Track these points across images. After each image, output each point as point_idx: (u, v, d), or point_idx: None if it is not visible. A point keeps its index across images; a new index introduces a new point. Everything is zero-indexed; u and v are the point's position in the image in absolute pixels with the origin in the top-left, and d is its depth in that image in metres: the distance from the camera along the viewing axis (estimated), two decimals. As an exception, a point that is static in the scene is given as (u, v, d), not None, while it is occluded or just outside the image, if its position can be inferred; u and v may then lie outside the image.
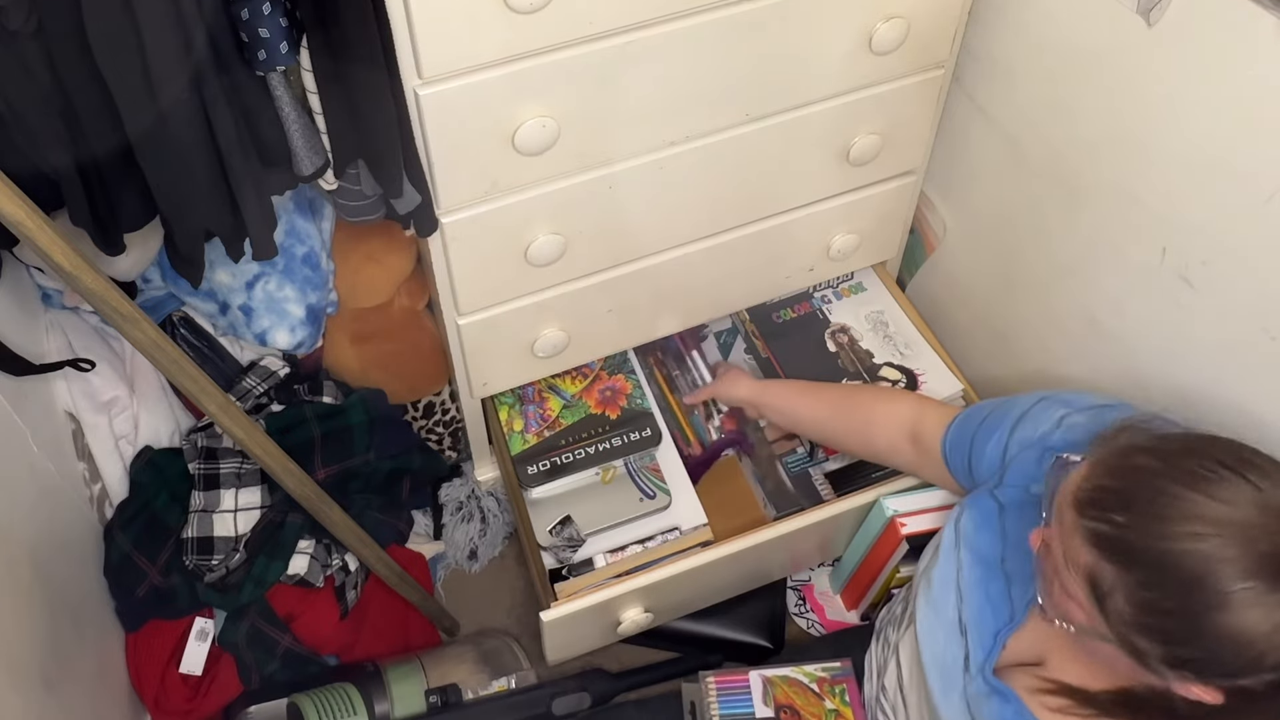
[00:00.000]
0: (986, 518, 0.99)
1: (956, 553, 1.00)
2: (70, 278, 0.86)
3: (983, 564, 0.98)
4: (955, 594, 0.98)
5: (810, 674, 1.19)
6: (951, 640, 0.97)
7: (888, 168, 1.32)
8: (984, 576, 0.97)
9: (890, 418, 1.17)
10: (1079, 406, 0.98)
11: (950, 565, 1.00)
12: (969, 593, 0.97)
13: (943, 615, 0.99)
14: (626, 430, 1.37)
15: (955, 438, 1.08)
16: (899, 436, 1.16)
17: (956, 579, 0.99)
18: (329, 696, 1.27)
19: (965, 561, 0.99)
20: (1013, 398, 1.05)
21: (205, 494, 1.28)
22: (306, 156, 0.95)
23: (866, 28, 1.11)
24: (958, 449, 1.07)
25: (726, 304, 1.43)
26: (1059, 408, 0.99)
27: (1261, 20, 0.85)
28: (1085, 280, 1.17)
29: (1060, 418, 0.97)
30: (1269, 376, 0.95)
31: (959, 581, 0.99)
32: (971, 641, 0.95)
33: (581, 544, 1.30)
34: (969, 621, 0.96)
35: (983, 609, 0.96)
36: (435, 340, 1.45)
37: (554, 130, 1.02)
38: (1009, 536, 0.97)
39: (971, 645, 0.95)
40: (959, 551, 1.00)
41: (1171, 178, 1.00)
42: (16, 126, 0.85)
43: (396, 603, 1.44)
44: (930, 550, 1.07)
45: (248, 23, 0.84)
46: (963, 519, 1.01)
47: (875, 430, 1.18)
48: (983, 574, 0.97)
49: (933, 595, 1.01)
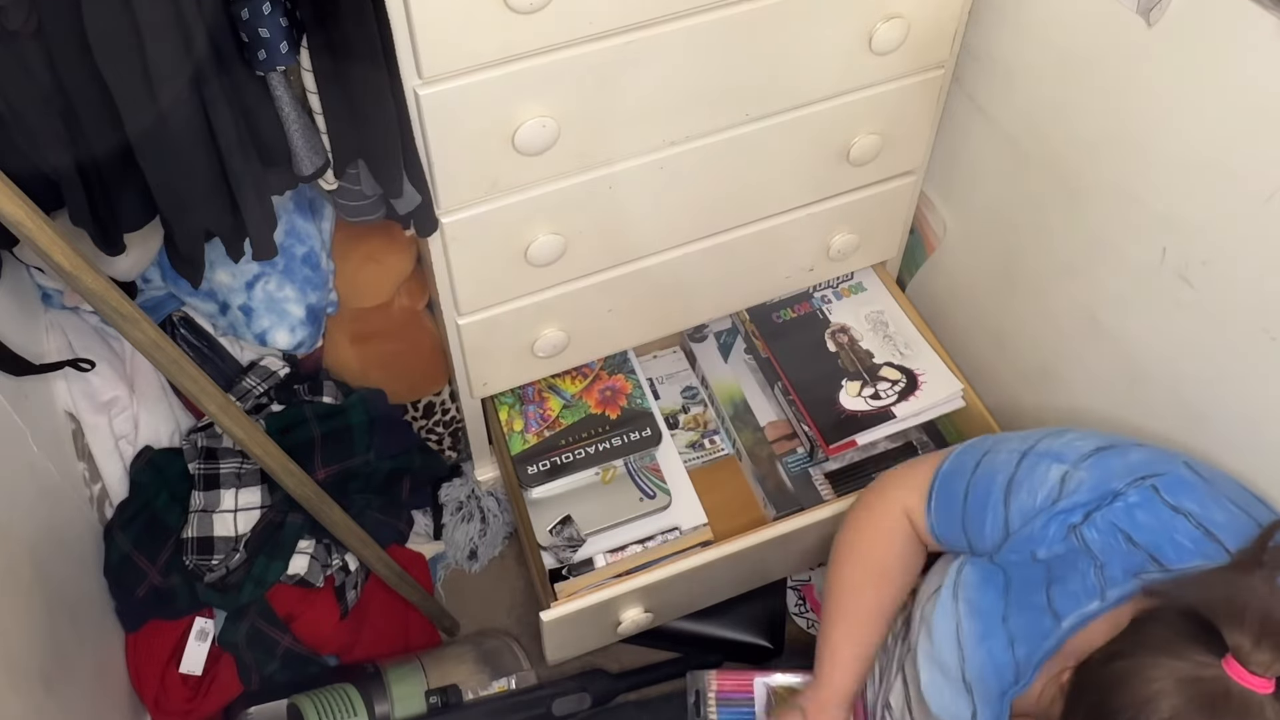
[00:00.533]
0: (989, 575, 0.94)
1: (955, 605, 0.95)
2: (70, 278, 0.86)
3: (983, 620, 0.93)
4: (956, 649, 0.94)
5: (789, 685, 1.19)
6: (958, 696, 0.94)
7: (888, 168, 1.32)
8: (985, 633, 0.92)
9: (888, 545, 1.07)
10: (1073, 460, 0.92)
11: (949, 617, 0.95)
12: (970, 651, 0.93)
13: (947, 671, 0.95)
14: (626, 430, 1.37)
15: (942, 525, 1.02)
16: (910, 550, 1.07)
17: (956, 634, 0.95)
18: (329, 697, 1.27)
19: (964, 614, 0.94)
20: (987, 460, 0.98)
21: (205, 494, 1.28)
22: (306, 156, 0.95)
23: (866, 28, 1.11)
24: (950, 535, 1.01)
25: (726, 304, 1.43)
26: (1051, 465, 0.92)
27: (1261, 20, 0.85)
28: (1085, 280, 1.17)
29: (1061, 478, 0.91)
30: (1269, 376, 0.95)
31: (959, 636, 0.94)
32: (978, 699, 0.92)
33: (581, 544, 1.30)
34: (972, 680, 0.92)
35: (985, 667, 0.91)
36: (435, 340, 1.45)
37: (554, 130, 1.02)
38: (1012, 594, 0.92)
39: (979, 703, 0.92)
40: (958, 604, 0.95)
41: (1171, 178, 1.00)
42: (16, 126, 0.85)
43: (396, 603, 1.44)
44: (931, 586, 1.02)
45: (248, 23, 0.84)
46: (965, 569, 0.96)
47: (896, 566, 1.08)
48: (984, 630, 0.93)
49: (935, 647, 0.96)
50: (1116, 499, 0.87)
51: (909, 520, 1.06)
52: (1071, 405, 1.25)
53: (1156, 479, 0.87)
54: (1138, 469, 0.88)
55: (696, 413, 1.52)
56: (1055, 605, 0.88)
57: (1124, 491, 0.87)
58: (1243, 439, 1.00)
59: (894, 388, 1.38)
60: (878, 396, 1.37)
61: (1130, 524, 0.86)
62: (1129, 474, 0.88)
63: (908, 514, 1.06)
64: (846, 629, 1.08)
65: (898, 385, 1.38)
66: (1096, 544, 0.87)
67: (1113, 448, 0.92)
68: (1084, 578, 0.87)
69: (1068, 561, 0.88)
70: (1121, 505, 0.87)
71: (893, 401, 1.36)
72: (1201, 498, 0.86)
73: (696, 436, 1.50)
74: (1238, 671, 0.68)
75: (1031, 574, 0.91)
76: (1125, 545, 0.85)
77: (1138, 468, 0.89)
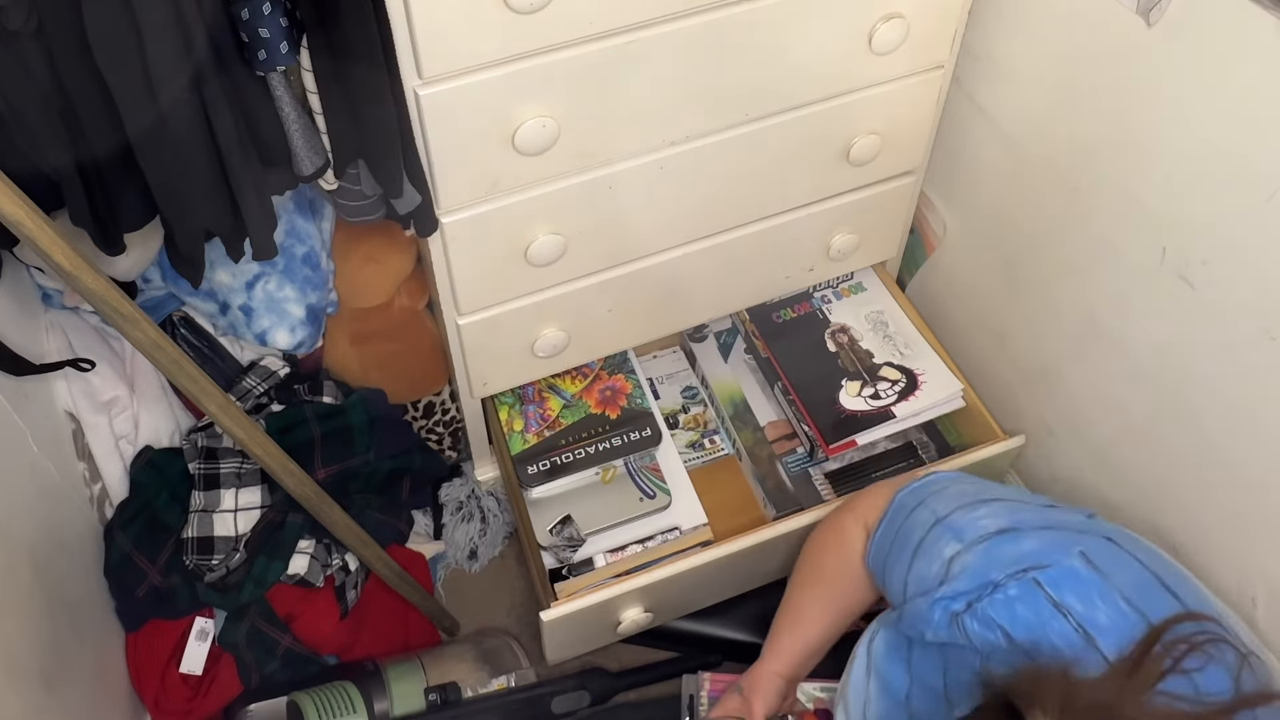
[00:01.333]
0: (895, 647, 0.94)
1: (866, 681, 0.96)
2: (70, 278, 0.86)
3: (890, 698, 0.93)
4: None
5: (809, 694, 1.19)
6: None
7: (888, 168, 1.32)
8: (889, 711, 0.92)
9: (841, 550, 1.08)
10: (968, 541, 0.89)
11: (859, 696, 0.96)
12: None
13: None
14: (626, 430, 1.37)
15: (875, 554, 1.02)
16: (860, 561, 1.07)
17: (864, 712, 0.95)
18: (329, 695, 1.27)
19: (873, 693, 0.95)
20: (915, 514, 0.98)
21: (205, 494, 1.28)
22: (306, 156, 0.95)
23: (866, 28, 1.11)
24: (877, 564, 1.02)
25: (726, 304, 1.43)
26: (950, 542, 0.90)
27: (1261, 20, 0.85)
28: (1085, 280, 1.17)
29: (950, 558, 0.89)
30: (1269, 376, 0.95)
31: (865, 714, 0.95)
32: None
33: (581, 544, 1.30)
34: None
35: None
36: (435, 340, 1.45)
37: (554, 130, 1.02)
38: (914, 670, 0.92)
39: None
40: (869, 680, 0.96)
41: (1171, 178, 1.00)
42: (16, 126, 0.85)
43: (396, 603, 1.44)
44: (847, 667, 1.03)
45: (248, 23, 0.84)
46: (875, 641, 0.97)
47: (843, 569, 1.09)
48: (888, 709, 0.92)
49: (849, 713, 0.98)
50: (996, 590, 0.84)
51: (866, 536, 1.06)
52: (1071, 405, 1.25)
53: (1040, 571, 0.83)
54: (1025, 559, 0.85)
55: (696, 413, 1.52)
56: (950, 694, 0.88)
57: (1004, 583, 0.84)
58: (1242, 438, 1.00)
59: (894, 388, 1.38)
60: (878, 396, 1.37)
61: (1010, 619, 0.83)
62: (1014, 564, 0.85)
63: (866, 529, 1.07)
64: (788, 620, 1.14)
65: (898, 385, 1.38)
66: (978, 638, 0.84)
67: (1012, 531, 0.88)
68: (972, 669, 0.85)
69: (957, 650, 0.87)
70: (1001, 598, 0.83)
71: (893, 401, 1.36)
72: (1086, 593, 0.82)
73: (696, 436, 1.50)
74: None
75: (929, 653, 0.90)
76: (1005, 642, 0.83)
77: (1025, 557, 0.85)
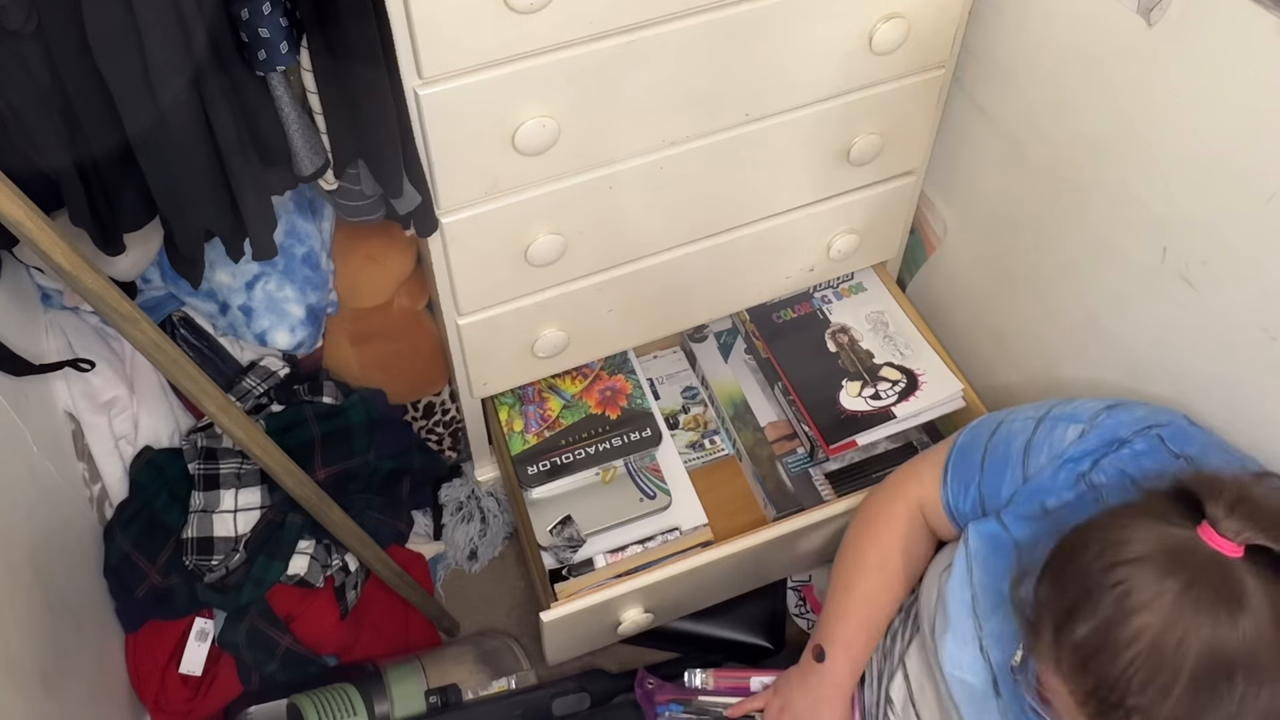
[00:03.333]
0: (999, 543, 0.96)
1: (970, 579, 0.97)
2: (70, 278, 0.86)
3: (997, 588, 0.95)
4: (974, 621, 0.96)
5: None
6: (977, 667, 0.95)
7: (888, 168, 1.32)
8: (1000, 601, 0.94)
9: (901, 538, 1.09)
10: (1087, 418, 0.95)
11: (965, 592, 0.97)
12: (986, 620, 0.95)
13: (965, 644, 0.96)
14: (627, 430, 1.37)
15: (957, 495, 1.04)
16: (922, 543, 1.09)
17: (973, 605, 0.96)
18: (329, 697, 1.27)
19: (980, 586, 0.96)
20: (1003, 428, 1.01)
21: (205, 494, 1.28)
22: (306, 156, 0.95)
23: (866, 28, 1.11)
24: (964, 501, 1.03)
25: (726, 304, 1.43)
26: (1069, 425, 0.96)
27: (1261, 20, 0.85)
28: (1085, 280, 1.17)
29: (1079, 435, 0.95)
30: (1269, 376, 0.95)
31: (975, 609, 0.96)
32: (998, 667, 0.94)
33: (581, 544, 1.30)
34: (990, 649, 0.94)
35: (1003, 635, 0.93)
36: (435, 340, 1.45)
37: (554, 130, 1.02)
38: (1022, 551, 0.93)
39: (998, 670, 0.93)
40: (972, 576, 0.97)
41: (1172, 177, 1.00)
42: (16, 126, 0.85)
43: (396, 603, 1.44)
44: (941, 565, 1.04)
45: (248, 23, 0.84)
46: (972, 541, 0.98)
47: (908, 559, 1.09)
48: (999, 599, 0.94)
49: (950, 621, 0.98)
50: (1124, 446, 0.91)
51: (921, 512, 1.09)
52: (1072, 405, 1.25)
53: (1161, 429, 0.92)
54: (1144, 420, 0.93)
55: (696, 413, 1.52)
56: None
57: (1130, 439, 0.92)
58: (1242, 438, 1.00)
59: (894, 388, 1.38)
60: (878, 396, 1.37)
61: (1137, 469, 0.90)
62: (1136, 424, 0.93)
63: (920, 505, 1.09)
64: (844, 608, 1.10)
65: (898, 385, 1.38)
66: (1103, 487, 0.90)
67: (1121, 405, 0.96)
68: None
69: (1076, 509, 0.90)
70: (1128, 452, 0.91)
71: (893, 401, 1.36)
72: (1202, 445, 0.91)
73: (696, 436, 1.50)
74: (1209, 534, 0.72)
75: (1038, 530, 0.93)
76: (1132, 489, 0.87)
77: (1144, 419, 0.93)
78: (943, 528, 1.07)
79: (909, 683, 1.05)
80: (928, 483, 1.08)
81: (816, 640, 1.12)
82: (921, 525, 1.09)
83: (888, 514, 1.11)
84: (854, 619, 1.10)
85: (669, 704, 1.21)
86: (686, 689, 1.22)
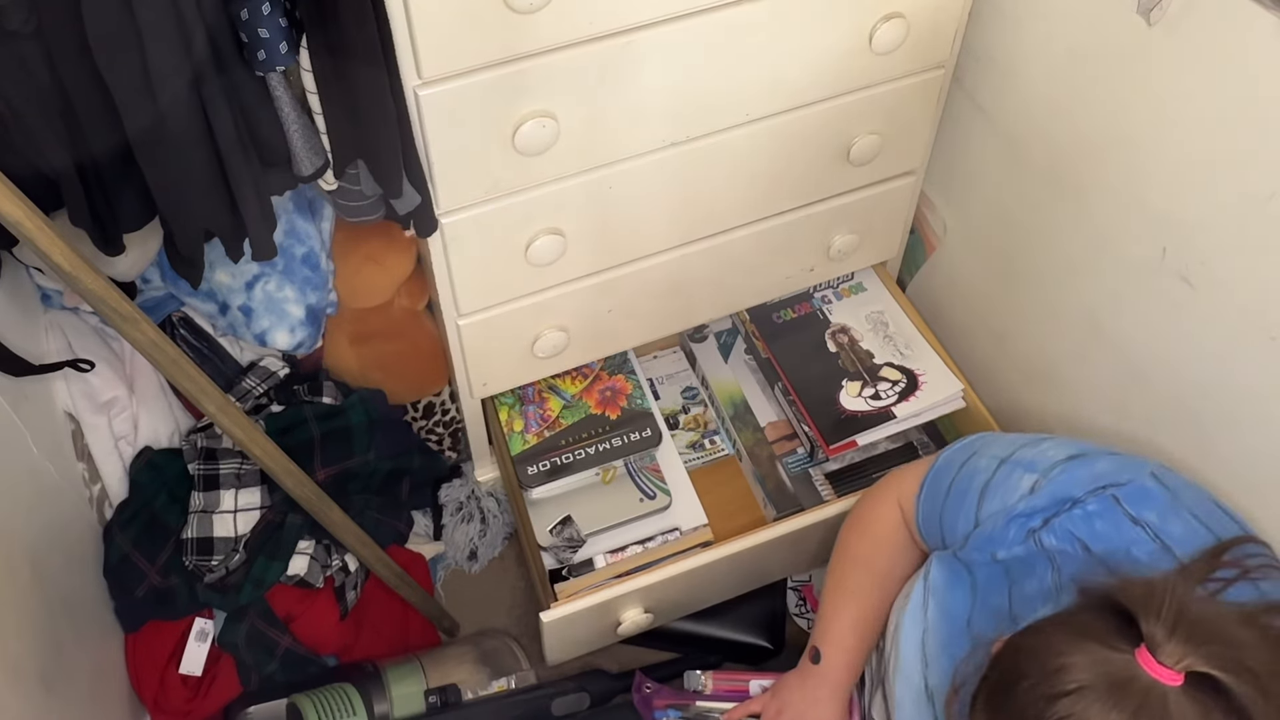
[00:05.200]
0: (955, 573, 0.95)
1: (924, 612, 0.96)
2: (70, 278, 0.86)
3: (950, 623, 0.93)
4: (920, 658, 0.95)
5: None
6: (920, 707, 0.94)
7: (888, 168, 1.32)
8: (949, 638, 0.92)
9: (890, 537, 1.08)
10: (1043, 468, 0.91)
11: (917, 624, 0.96)
12: (934, 659, 0.93)
13: (910, 681, 0.95)
14: (626, 430, 1.37)
15: (925, 514, 1.03)
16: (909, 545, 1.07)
17: (922, 642, 0.95)
18: (328, 697, 1.27)
19: (933, 620, 0.94)
20: (971, 462, 0.99)
21: (205, 494, 1.28)
22: (306, 156, 0.95)
23: (866, 27, 1.11)
24: (930, 524, 1.02)
25: (726, 304, 1.43)
26: (1024, 474, 0.92)
27: (1261, 20, 0.85)
28: (1085, 280, 1.17)
29: (1031, 486, 0.91)
30: (1269, 377, 0.95)
31: (923, 644, 0.95)
32: (939, 709, 0.91)
33: (581, 544, 1.30)
34: (935, 690, 0.92)
35: (947, 675, 0.91)
36: (435, 340, 1.45)
37: (554, 130, 1.02)
38: (978, 594, 0.92)
39: (939, 714, 0.91)
40: (926, 610, 0.95)
41: (1172, 178, 1.00)
42: (16, 126, 0.85)
43: (396, 603, 1.44)
44: (905, 589, 1.02)
45: (247, 23, 0.84)
46: (933, 571, 0.97)
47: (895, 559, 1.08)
48: (949, 635, 0.93)
49: (901, 659, 0.97)
50: (1075, 506, 0.87)
51: (902, 516, 1.07)
52: (1072, 405, 1.25)
53: (1118, 489, 0.87)
54: (1101, 478, 0.88)
55: (696, 413, 1.52)
56: (1014, 608, 0.88)
57: (1083, 499, 0.87)
58: (1242, 438, 1.00)
59: (894, 388, 1.38)
60: (878, 397, 1.37)
61: (1088, 533, 0.86)
62: (1092, 482, 0.88)
63: (901, 508, 1.07)
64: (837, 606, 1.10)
65: (898, 385, 1.38)
66: (1054, 550, 0.87)
67: (1082, 456, 0.91)
68: (1041, 581, 0.87)
69: (1026, 564, 0.88)
70: (1080, 513, 0.87)
71: (893, 402, 1.36)
72: (1162, 509, 0.86)
73: (696, 437, 1.50)
74: (1148, 660, 0.68)
75: (994, 573, 0.91)
76: (1082, 553, 0.85)
77: (1101, 477, 0.88)
78: (918, 540, 1.07)
79: (886, 703, 1.03)
80: (908, 493, 1.06)
81: (812, 642, 1.12)
82: (905, 531, 1.08)
83: (876, 514, 1.10)
84: (846, 617, 1.09)
85: (667, 709, 1.20)
86: (684, 693, 1.22)
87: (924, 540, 1.04)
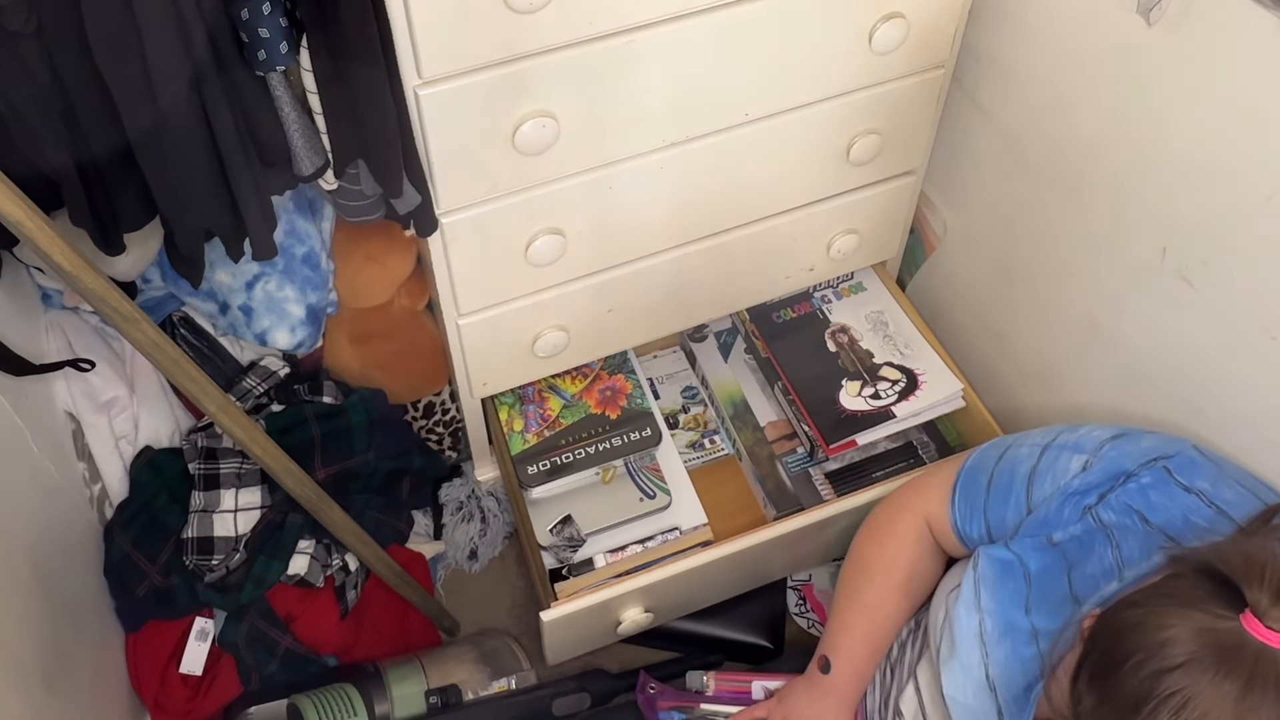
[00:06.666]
0: (1008, 566, 0.95)
1: (977, 603, 0.95)
2: (70, 278, 0.86)
3: (1006, 614, 0.93)
4: (979, 648, 0.94)
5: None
6: (982, 697, 0.94)
7: (888, 168, 1.32)
8: (1007, 629, 0.93)
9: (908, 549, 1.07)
10: (1091, 449, 0.94)
11: (972, 615, 0.95)
12: (993, 648, 0.93)
13: (970, 672, 0.94)
14: (626, 430, 1.37)
15: (964, 517, 1.03)
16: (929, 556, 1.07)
17: (979, 632, 0.94)
18: (329, 697, 1.27)
19: (986, 611, 0.94)
20: (1010, 453, 1.00)
21: (205, 494, 1.28)
22: (306, 156, 0.95)
23: (866, 27, 1.11)
24: (972, 522, 1.02)
25: (726, 304, 1.43)
26: (1073, 455, 0.95)
27: (1261, 20, 0.85)
28: (1085, 280, 1.17)
29: (1083, 466, 0.93)
30: (1269, 376, 0.95)
31: (981, 634, 0.94)
32: (1003, 698, 0.92)
33: (582, 544, 1.30)
34: (996, 679, 0.93)
35: (1009, 665, 0.91)
36: (435, 340, 1.45)
37: (554, 130, 1.02)
38: (1034, 584, 0.92)
39: (1003, 701, 0.92)
40: (979, 601, 0.95)
41: (1171, 177, 1.00)
42: (16, 126, 0.85)
43: (396, 603, 1.44)
44: (950, 584, 1.02)
45: (247, 23, 0.84)
46: (981, 564, 0.96)
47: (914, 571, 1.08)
48: (1006, 626, 0.93)
49: (957, 647, 0.96)
50: (1130, 480, 0.90)
51: (929, 526, 1.07)
52: (1072, 405, 1.25)
53: (1168, 460, 0.90)
54: (1150, 452, 0.91)
55: (696, 413, 1.52)
56: (1075, 590, 0.89)
57: (1137, 473, 0.89)
58: (1243, 438, 1.00)
59: (894, 388, 1.38)
60: (878, 396, 1.37)
61: (1145, 504, 0.88)
62: (1141, 456, 0.91)
63: (928, 519, 1.07)
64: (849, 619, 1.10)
65: (898, 385, 1.38)
66: (1112, 524, 0.88)
67: (1126, 434, 0.95)
68: (1101, 559, 0.88)
69: (1084, 544, 0.89)
70: (1135, 486, 0.89)
71: (893, 401, 1.36)
72: (1212, 477, 0.89)
73: (696, 436, 1.50)
74: (1255, 626, 0.68)
75: (1050, 561, 0.92)
76: (1141, 525, 0.87)
77: (1150, 451, 0.91)
78: (952, 546, 1.06)
79: (920, 695, 1.03)
80: (935, 500, 1.06)
81: (822, 651, 1.11)
82: (928, 540, 1.08)
83: (894, 526, 1.10)
84: (859, 630, 1.09)
85: (671, 711, 1.20)
86: (688, 695, 1.21)
87: (963, 542, 1.04)
